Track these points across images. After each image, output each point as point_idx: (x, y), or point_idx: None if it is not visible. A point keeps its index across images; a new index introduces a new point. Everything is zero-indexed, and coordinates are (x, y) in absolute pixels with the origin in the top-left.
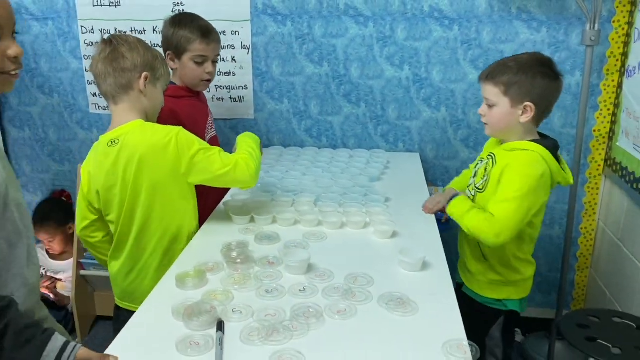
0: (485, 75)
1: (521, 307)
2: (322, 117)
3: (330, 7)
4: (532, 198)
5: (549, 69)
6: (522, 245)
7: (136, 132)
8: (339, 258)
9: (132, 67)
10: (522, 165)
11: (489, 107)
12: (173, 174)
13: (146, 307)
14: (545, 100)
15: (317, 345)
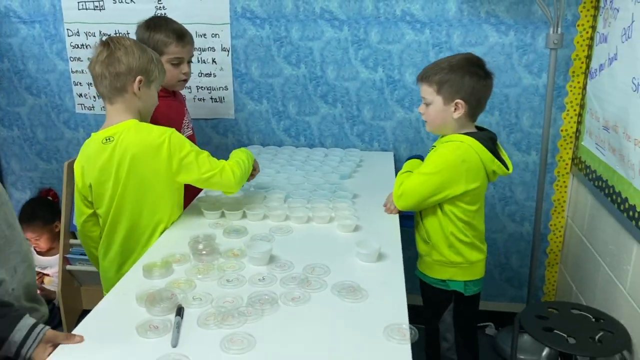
0: (421, 76)
1: (465, 289)
2: (299, 117)
3: (307, 11)
4: (442, 178)
5: (479, 68)
6: (461, 228)
7: (131, 131)
8: (301, 250)
9: (127, 71)
10: (444, 150)
11: (426, 105)
12: (164, 173)
13: (112, 294)
14: (475, 97)
15: (269, 329)
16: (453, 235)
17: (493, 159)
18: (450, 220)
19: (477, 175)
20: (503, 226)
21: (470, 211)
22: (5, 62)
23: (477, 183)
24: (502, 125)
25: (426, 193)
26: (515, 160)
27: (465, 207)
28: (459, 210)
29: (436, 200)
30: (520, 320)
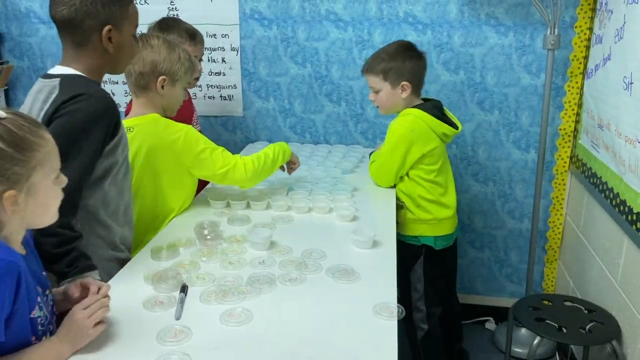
0: (366, 69)
1: (435, 243)
2: (305, 115)
3: (313, 13)
4: (400, 149)
5: (413, 51)
6: (427, 188)
7: (150, 125)
8: (301, 237)
9: (151, 71)
10: (394, 125)
11: (375, 93)
12: (178, 167)
13: (122, 274)
14: (416, 76)
15: (266, 305)
16: (420, 196)
17: (440, 123)
18: (417, 182)
19: (428, 139)
20: (503, 223)
21: (432, 171)
22: (25, 61)
23: (432, 145)
24: (502, 124)
25: (395, 167)
26: (514, 158)
27: (427, 167)
28: (423, 172)
29: (405, 170)
30: (514, 312)
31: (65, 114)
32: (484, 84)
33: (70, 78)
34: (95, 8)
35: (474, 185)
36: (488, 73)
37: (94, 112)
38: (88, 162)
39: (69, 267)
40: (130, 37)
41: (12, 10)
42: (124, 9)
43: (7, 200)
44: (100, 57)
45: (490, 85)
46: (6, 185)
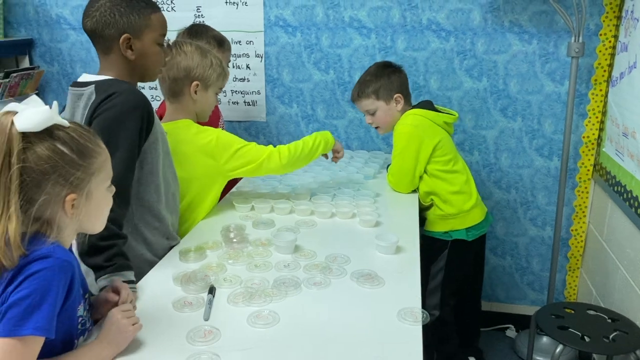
0: (357, 95)
1: (467, 235)
2: (327, 120)
3: (336, 20)
4: (411, 148)
5: (393, 66)
6: (448, 179)
7: (182, 130)
8: (325, 242)
9: (185, 76)
10: (398, 129)
11: (372, 115)
12: (210, 170)
13: (151, 275)
14: (404, 87)
15: (292, 308)
16: (444, 189)
17: (437, 114)
18: (437, 177)
19: (433, 131)
20: (525, 230)
21: (447, 161)
22: (55, 66)
23: (439, 136)
24: (525, 131)
25: (410, 167)
26: (537, 166)
27: (442, 159)
28: (440, 165)
29: (422, 167)
30: (536, 319)
31: (102, 113)
32: (507, 91)
33: (103, 82)
34: (114, 18)
35: (496, 193)
36: (511, 80)
37: (126, 106)
38: (128, 154)
39: (107, 262)
40: (155, 45)
41: (43, 17)
42: (144, 18)
43: (68, 203)
44: (125, 64)
45: (513, 92)
46: (69, 189)
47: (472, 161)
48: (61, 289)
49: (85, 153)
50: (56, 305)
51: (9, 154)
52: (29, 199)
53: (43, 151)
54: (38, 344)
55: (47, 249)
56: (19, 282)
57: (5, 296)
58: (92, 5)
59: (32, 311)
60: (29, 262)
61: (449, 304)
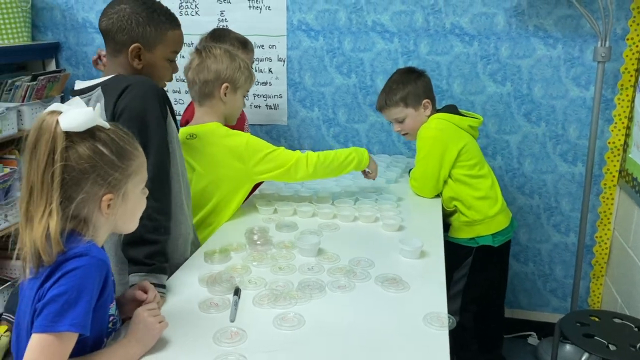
0: (383, 105)
1: (493, 241)
2: (349, 124)
3: (359, 24)
4: (436, 152)
5: (416, 71)
6: (473, 184)
7: (212, 133)
8: (348, 245)
9: (215, 79)
10: (422, 132)
11: (400, 122)
12: (238, 173)
13: (177, 276)
14: (430, 91)
15: (317, 311)
16: (469, 195)
17: (461, 117)
18: (462, 182)
19: (458, 135)
20: (548, 236)
21: (472, 165)
22: (80, 69)
23: (464, 140)
24: (549, 137)
25: (434, 171)
26: (561, 171)
27: (467, 163)
28: (465, 169)
29: (446, 172)
30: (561, 327)
31: (125, 109)
32: (531, 95)
33: (109, 81)
34: (130, 25)
35: (519, 198)
36: (535, 85)
37: (146, 95)
38: (162, 139)
39: (147, 258)
40: (164, 60)
41: (70, 20)
42: (160, 33)
43: (104, 203)
44: (129, 69)
45: (537, 97)
46: (106, 189)
47: (495, 166)
48: (96, 287)
49: (124, 155)
50: (91, 303)
51: (53, 152)
52: (68, 196)
53: (84, 151)
54: (73, 341)
55: (83, 247)
56: (57, 278)
57: (42, 292)
58: (112, 6)
59: (68, 308)
60: (66, 260)
61: (469, 310)
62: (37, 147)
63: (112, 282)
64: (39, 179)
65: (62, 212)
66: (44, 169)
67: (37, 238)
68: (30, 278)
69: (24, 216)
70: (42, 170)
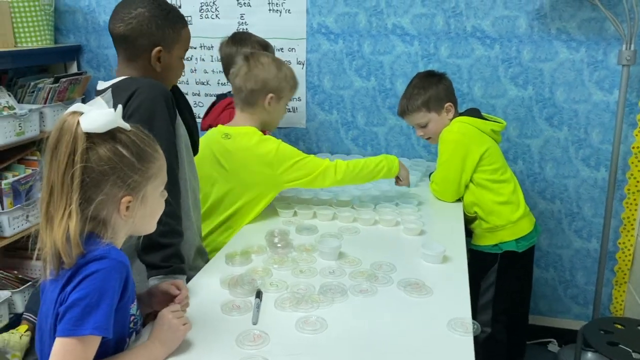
0: (405, 110)
1: (517, 246)
2: (367, 127)
3: (379, 27)
4: (458, 155)
5: (436, 75)
6: (495, 189)
7: (246, 137)
8: (369, 249)
9: (261, 88)
10: (444, 135)
11: (423, 127)
12: (267, 178)
13: (199, 277)
14: (452, 93)
15: (339, 315)
16: (491, 200)
17: (484, 121)
18: (484, 187)
19: (481, 139)
20: (569, 242)
21: (494, 170)
22: (101, 71)
23: (486, 144)
24: (571, 141)
25: (455, 175)
26: (583, 176)
27: (489, 167)
28: (487, 174)
29: (468, 176)
30: (584, 334)
31: (133, 113)
32: (553, 99)
33: (119, 83)
34: (150, 29)
35: (540, 203)
36: (558, 89)
37: (154, 99)
38: (170, 143)
39: (163, 261)
40: (179, 59)
41: (91, 23)
42: (176, 33)
43: (123, 205)
44: (147, 73)
45: (559, 101)
46: (125, 191)
47: (516, 170)
48: (117, 289)
49: (144, 157)
50: (113, 306)
51: (74, 153)
52: (88, 198)
53: (105, 152)
54: (96, 344)
55: (102, 250)
56: (77, 282)
57: (64, 296)
58: (128, 11)
59: (90, 311)
60: (86, 263)
61: (500, 321)
62: (58, 147)
63: (132, 283)
64: (59, 179)
65: (81, 214)
66: (64, 170)
67: (57, 239)
68: (51, 280)
69: (44, 217)
70: (62, 171)
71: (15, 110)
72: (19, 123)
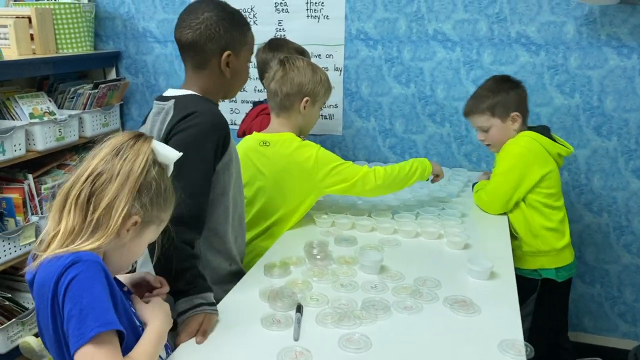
0: (470, 110)
1: (557, 275)
2: (406, 135)
3: (420, 33)
4: (517, 170)
5: (512, 81)
6: (547, 214)
7: (285, 143)
8: (411, 263)
9: (297, 92)
10: (509, 147)
11: (485, 131)
12: (306, 184)
13: (238, 289)
14: (523, 104)
15: (384, 333)
16: (540, 224)
17: (553, 143)
18: (535, 209)
19: (546, 159)
20: (617, 257)
21: (551, 195)
22: (139, 77)
23: (549, 166)
24: (620, 151)
25: (509, 190)
26: (634, 189)
27: (546, 191)
28: (542, 196)
29: (521, 193)
30: (636, 355)
31: (178, 132)
32: (602, 108)
33: (183, 98)
34: (218, 33)
35: (586, 215)
36: (607, 97)
37: (204, 128)
38: (202, 175)
39: (189, 285)
40: (246, 63)
41: (130, 30)
42: (243, 35)
43: (132, 220)
44: (216, 80)
45: (608, 109)
46: (140, 214)
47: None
48: (104, 282)
49: (168, 201)
50: (105, 299)
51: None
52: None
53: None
54: (113, 339)
55: (72, 256)
56: (63, 294)
57: (58, 309)
58: (195, 17)
59: (87, 314)
60: (61, 274)
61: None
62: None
63: (112, 277)
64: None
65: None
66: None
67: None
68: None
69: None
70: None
71: (55, 116)
72: (59, 128)
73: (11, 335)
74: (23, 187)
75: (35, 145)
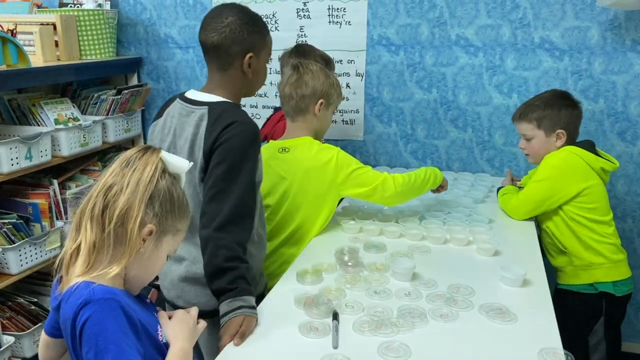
0: (518, 116)
1: (615, 289)
2: (427, 140)
3: (442, 38)
4: (551, 182)
5: (569, 100)
6: (593, 228)
7: (305, 147)
8: (442, 270)
9: (311, 95)
10: (550, 158)
11: (527, 140)
12: (328, 187)
13: (272, 295)
14: (572, 125)
15: (422, 341)
16: (587, 236)
17: (596, 157)
18: (579, 222)
19: (586, 174)
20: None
21: (594, 209)
22: (161, 83)
23: (590, 181)
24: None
25: (539, 198)
26: None
27: (588, 206)
28: (584, 211)
29: (551, 204)
30: None
31: (225, 142)
32: (627, 113)
33: (216, 105)
34: (242, 36)
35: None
36: (632, 102)
37: (248, 137)
38: (250, 180)
39: (230, 284)
40: (265, 64)
41: (152, 36)
42: (263, 39)
43: (147, 229)
44: (239, 81)
45: (633, 115)
46: (154, 222)
47: None
48: (121, 321)
49: (182, 210)
50: (120, 339)
51: None
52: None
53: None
54: None
55: (86, 293)
56: (79, 334)
57: (81, 355)
58: (220, 21)
59: (102, 357)
60: (76, 313)
61: None
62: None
63: (134, 310)
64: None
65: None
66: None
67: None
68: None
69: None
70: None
71: (80, 122)
72: (83, 134)
73: (37, 339)
74: (48, 192)
75: (60, 151)
